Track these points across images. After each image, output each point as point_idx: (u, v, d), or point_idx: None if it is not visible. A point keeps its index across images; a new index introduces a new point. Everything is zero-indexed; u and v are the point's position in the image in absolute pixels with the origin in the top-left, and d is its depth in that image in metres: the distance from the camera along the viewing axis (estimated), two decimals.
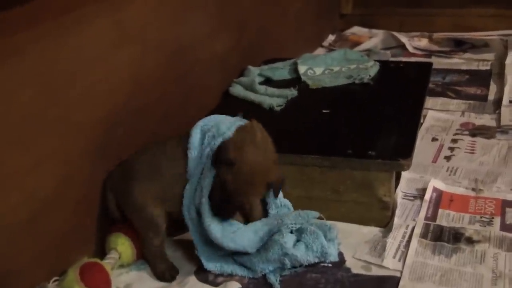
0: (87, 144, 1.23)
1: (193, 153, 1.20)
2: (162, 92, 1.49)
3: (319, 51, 2.65)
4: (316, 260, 1.20)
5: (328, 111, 1.60)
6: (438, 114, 1.88)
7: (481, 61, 2.34)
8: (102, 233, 1.27)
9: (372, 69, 1.85)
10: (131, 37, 1.36)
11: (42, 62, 1.09)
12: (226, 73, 1.85)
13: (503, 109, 1.86)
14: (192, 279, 1.21)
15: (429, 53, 2.51)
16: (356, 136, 1.44)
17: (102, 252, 1.25)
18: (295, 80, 1.85)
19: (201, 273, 1.22)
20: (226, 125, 1.20)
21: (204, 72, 1.71)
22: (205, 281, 1.20)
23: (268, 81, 1.87)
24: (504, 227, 1.28)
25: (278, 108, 1.66)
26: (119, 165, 1.27)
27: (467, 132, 1.76)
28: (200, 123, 1.24)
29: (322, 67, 1.92)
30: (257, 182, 1.15)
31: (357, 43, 2.69)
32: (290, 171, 1.32)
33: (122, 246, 1.24)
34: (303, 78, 1.85)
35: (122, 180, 1.23)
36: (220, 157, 1.14)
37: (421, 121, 1.74)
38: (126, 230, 1.26)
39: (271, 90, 1.76)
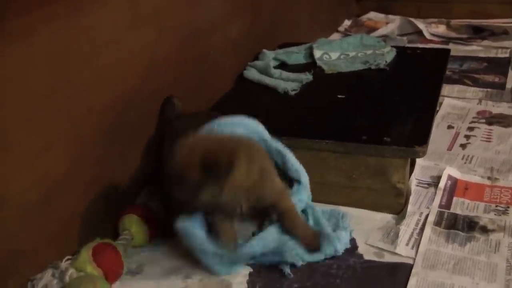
0: (99, 127, 1.23)
1: None
2: (176, 76, 1.48)
3: (335, 36, 2.62)
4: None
5: (343, 96, 1.59)
6: (455, 102, 1.86)
7: (500, 49, 2.31)
8: (114, 214, 1.27)
9: (388, 54, 1.83)
10: (145, 19, 1.35)
11: (54, 43, 1.08)
12: (241, 56, 1.84)
13: None
14: None
15: (447, 40, 2.48)
16: (371, 122, 1.42)
17: (114, 233, 1.25)
18: (310, 65, 1.84)
19: None
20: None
21: (219, 55, 1.70)
22: None
23: (283, 65, 1.86)
24: None
25: (292, 93, 1.64)
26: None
27: (483, 120, 1.73)
28: (215, 124, 1.17)
29: (338, 52, 1.91)
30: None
31: (373, 29, 2.66)
32: (304, 156, 1.30)
33: (136, 228, 1.24)
34: (319, 62, 1.84)
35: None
36: None
37: (437, 108, 1.72)
38: (140, 211, 1.26)
39: (286, 74, 1.75)
